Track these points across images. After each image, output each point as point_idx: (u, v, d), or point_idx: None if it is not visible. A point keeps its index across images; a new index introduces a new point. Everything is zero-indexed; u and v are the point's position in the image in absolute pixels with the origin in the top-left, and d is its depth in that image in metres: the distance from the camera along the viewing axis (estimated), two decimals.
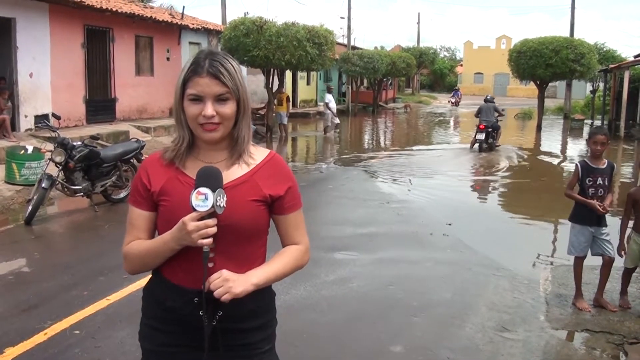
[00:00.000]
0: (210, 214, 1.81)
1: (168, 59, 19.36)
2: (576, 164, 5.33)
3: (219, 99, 1.89)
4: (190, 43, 20.82)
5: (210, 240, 1.82)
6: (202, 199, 1.80)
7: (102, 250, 6.83)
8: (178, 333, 1.98)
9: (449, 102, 43.65)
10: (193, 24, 20.36)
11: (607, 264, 5.26)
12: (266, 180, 2.01)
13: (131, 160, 9.70)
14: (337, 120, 21.93)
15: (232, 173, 1.98)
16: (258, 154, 2.05)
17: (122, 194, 9.48)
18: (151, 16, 17.68)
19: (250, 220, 1.96)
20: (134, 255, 2.00)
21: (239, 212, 1.92)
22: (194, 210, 1.80)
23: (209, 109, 1.87)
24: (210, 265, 1.90)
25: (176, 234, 1.85)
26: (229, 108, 1.91)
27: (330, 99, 21.76)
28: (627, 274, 5.40)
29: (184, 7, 21.34)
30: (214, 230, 1.82)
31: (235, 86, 1.90)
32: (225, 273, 1.87)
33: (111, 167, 9.21)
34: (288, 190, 2.05)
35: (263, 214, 2.01)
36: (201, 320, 1.90)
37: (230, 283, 1.85)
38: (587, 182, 5.19)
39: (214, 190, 1.81)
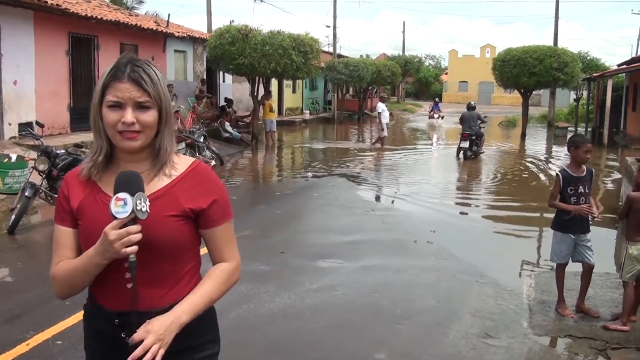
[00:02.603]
0: (133, 219, 1.70)
1: None
2: (557, 174, 5.32)
3: (140, 106, 1.79)
4: (176, 51, 20.81)
5: (134, 248, 1.70)
6: (122, 205, 1.68)
7: None
8: (112, 353, 1.86)
9: (430, 117, 34.77)
10: (178, 32, 20.34)
11: (587, 271, 5.30)
12: (187, 192, 1.87)
13: None
14: (384, 133, 20.52)
15: (151, 186, 1.85)
16: (182, 164, 1.93)
17: None
18: (136, 24, 17.64)
19: (169, 237, 1.82)
20: (61, 275, 1.86)
21: (156, 228, 1.79)
22: (115, 218, 1.69)
23: (129, 115, 1.76)
24: (129, 286, 1.79)
25: (99, 247, 1.73)
26: (150, 116, 1.80)
27: (383, 108, 20.57)
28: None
29: (169, 15, 21.32)
30: (137, 237, 1.70)
31: (157, 94, 1.81)
32: (150, 328, 1.74)
33: None
34: (213, 202, 1.90)
35: (185, 229, 1.87)
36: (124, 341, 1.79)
37: (157, 336, 1.73)
38: (568, 191, 5.19)
39: (133, 195, 1.69)
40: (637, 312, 5.12)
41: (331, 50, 38.98)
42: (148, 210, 1.72)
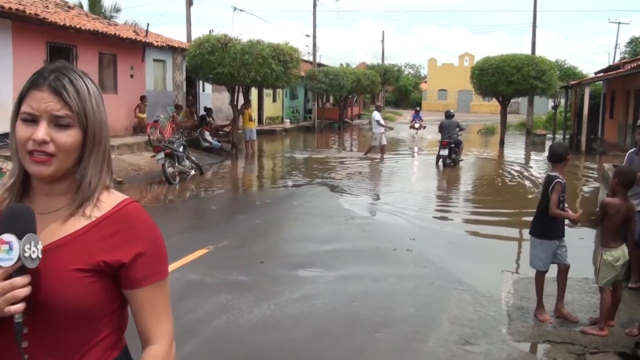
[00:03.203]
0: (20, 269, 1.33)
1: (132, 76, 19.19)
2: (559, 181, 5.23)
3: (58, 124, 1.41)
4: (155, 60, 20.71)
5: (20, 306, 1.32)
6: (6, 250, 1.31)
7: None
8: None
9: (411, 127, 31.43)
10: (157, 42, 20.25)
11: (563, 271, 5.36)
12: (104, 241, 1.45)
13: None
14: (383, 141, 19.96)
15: (62, 229, 1.45)
16: (108, 203, 1.50)
17: None
18: (115, 33, 17.53)
19: (74, 297, 1.39)
20: None
21: (57, 285, 1.38)
22: None
23: (41, 131, 1.39)
24: (26, 357, 1.39)
25: None
26: (69, 136, 1.41)
27: (379, 116, 20.13)
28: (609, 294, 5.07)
29: (148, 24, 21.27)
30: (24, 292, 1.32)
31: (82, 110, 1.43)
32: None
33: None
34: (138, 256, 1.46)
35: (96, 289, 1.42)
36: None
37: None
38: (561, 198, 5.28)
39: (21, 237, 1.32)
40: (615, 317, 5.18)
41: (311, 59, 39.08)
42: (40, 257, 1.34)
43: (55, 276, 1.39)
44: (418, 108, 34.38)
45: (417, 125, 31.19)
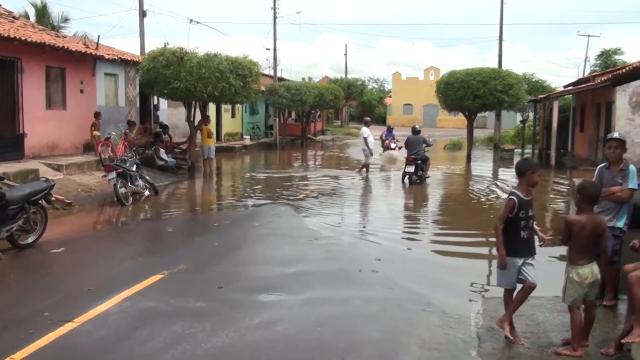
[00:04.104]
0: None
1: (82, 91, 18.90)
2: (512, 198, 5.34)
3: None
4: (106, 74, 20.46)
5: None
6: None
7: (7, 302, 6.50)
8: None
9: (384, 147, 25.92)
10: (109, 55, 20.03)
11: (528, 289, 5.39)
12: None
13: (40, 202, 9.37)
14: (370, 160, 20.22)
15: None
16: None
17: (30, 239, 9.13)
18: (63, 46, 17.28)
19: None
20: None
21: None
22: None
23: None
24: None
25: None
26: None
27: (368, 133, 20.16)
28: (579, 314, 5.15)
29: (99, 36, 21.11)
30: None
31: None
32: None
33: (18, 209, 8.84)
34: None
35: None
36: None
37: None
38: (520, 215, 5.31)
39: None
40: (589, 336, 5.24)
41: (272, 73, 39.21)
42: None
43: None
44: (390, 125, 29.78)
45: (392, 145, 26.01)
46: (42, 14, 28.65)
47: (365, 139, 20.10)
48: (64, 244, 9.32)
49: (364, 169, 20.59)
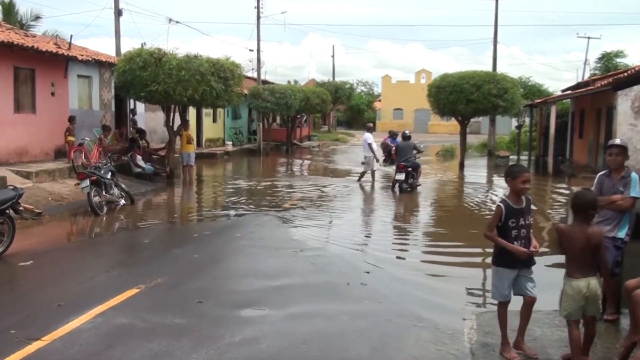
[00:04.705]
0: None
1: (53, 94, 18.80)
2: (499, 205, 5.40)
3: None
4: (79, 76, 20.37)
5: None
6: None
7: None
8: None
9: (384, 155, 24.20)
10: (82, 55, 19.95)
11: (529, 304, 5.41)
12: None
13: (7, 212, 9.28)
14: (375, 167, 20.15)
15: None
16: None
17: None
18: (33, 46, 17.19)
19: None
20: None
21: None
22: None
23: None
24: None
25: None
26: None
27: (372, 139, 19.93)
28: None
29: (71, 36, 20.96)
30: None
31: None
32: None
33: None
34: None
35: None
36: None
37: None
38: (510, 223, 5.31)
39: None
40: (590, 352, 5.22)
41: (255, 75, 39.25)
42: None
43: None
44: (394, 131, 26.38)
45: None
46: (9, 11, 28.52)
47: (369, 145, 19.66)
48: (33, 257, 9.22)
49: (363, 178, 20.29)
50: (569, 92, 29.32)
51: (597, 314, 5.22)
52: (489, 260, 6.09)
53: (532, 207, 5.58)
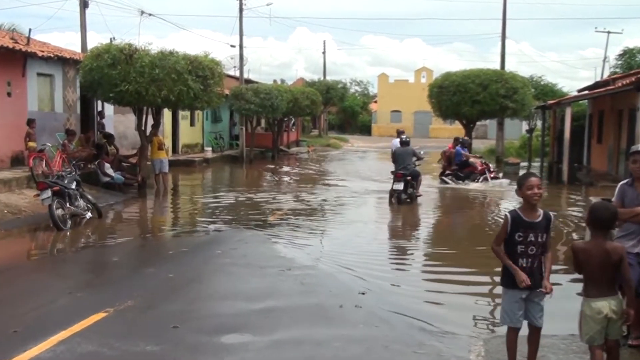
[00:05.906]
0: None
1: (9, 94, 18.70)
2: (506, 215, 5.40)
3: None
4: (39, 75, 20.29)
5: None
6: None
7: None
8: None
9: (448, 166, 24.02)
10: (43, 51, 19.89)
11: (533, 331, 5.42)
12: None
13: None
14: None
15: None
16: None
17: None
18: None
19: None
20: None
21: None
22: None
23: None
24: None
25: None
26: None
27: (396, 144, 19.56)
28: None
29: (30, 29, 20.79)
30: None
31: None
32: None
33: None
34: None
35: None
36: None
37: None
38: (516, 237, 5.29)
39: None
40: None
41: (237, 74, 39.33)
42: None
43: None
44: (466, 139, 25.28)
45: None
46: None
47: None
48: None
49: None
50: (585, 92, 29.48)
51: (620, 338, 5.22)
52: (498, 277, 6.07)
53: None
